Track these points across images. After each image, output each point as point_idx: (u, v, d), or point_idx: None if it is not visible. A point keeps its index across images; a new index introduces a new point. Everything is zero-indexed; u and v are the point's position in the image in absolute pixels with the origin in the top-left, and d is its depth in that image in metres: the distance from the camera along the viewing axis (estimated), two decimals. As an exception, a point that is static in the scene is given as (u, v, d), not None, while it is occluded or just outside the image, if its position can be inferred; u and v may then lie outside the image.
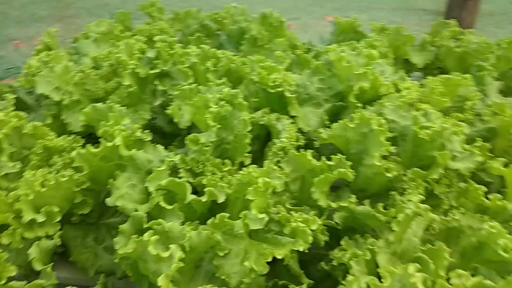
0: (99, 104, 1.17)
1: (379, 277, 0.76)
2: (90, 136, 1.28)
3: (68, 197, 0.96)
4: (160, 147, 1.05)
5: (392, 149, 1.05)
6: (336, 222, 0.99)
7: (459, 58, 1.74)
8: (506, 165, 1.09)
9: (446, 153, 1.01)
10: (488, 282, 0.63)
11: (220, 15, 2.00)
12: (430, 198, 1.07)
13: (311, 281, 0.91)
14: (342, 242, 0.96)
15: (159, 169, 0.94)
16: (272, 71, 1.26)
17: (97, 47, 1.60)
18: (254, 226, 0.82)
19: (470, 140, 1.28)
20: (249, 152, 1.15)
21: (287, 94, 1.22)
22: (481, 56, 1.69)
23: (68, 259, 1.01)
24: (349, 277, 0.69)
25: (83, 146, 1.05)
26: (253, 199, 0.82)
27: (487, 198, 1.00)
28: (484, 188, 1.01)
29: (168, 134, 1.41)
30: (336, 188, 1.20)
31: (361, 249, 0.88)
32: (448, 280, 0.73)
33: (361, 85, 1.28)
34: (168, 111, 1.17)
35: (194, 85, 1.22)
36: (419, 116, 1.08)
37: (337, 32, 1.97)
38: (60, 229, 0.94)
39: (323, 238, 0.95)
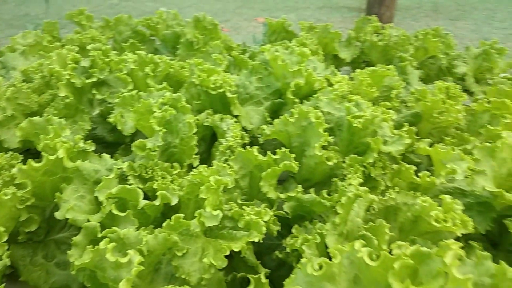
0: (36, 118, 1.13)
1: (330, 258, 0.82)
2: (28, 152, 1.23)
3: (13, 216, 0.92)
4: (106, 156, 1.04)
5: (330, 139, 1.13)
6: (286, 212, 1.04)
7: (382, 51, 1.89)
8: (431, 145, 1.21)
9: (378, 139, 1.10)
10: (424, 248, 0.70)
11: (153, 21, 1.99)
12: (368, 181, 1.16)
13: (267, 270, 0.95)
14: (293, 230, 1.01)
15: (108, 177, 0.93)
16: (211, 73, 1.29)
17: (25, 60, 1.54)
18: (209, 223, 0.84)
19: (398, 126, 1.40)
20: (196, 154, 1.18)
21: (229, 94, 1.26)
22: (401, 48, 1.84)
23: (18, 280, 0.97)
24: (303, 260, 0.74)
25: (23, 162, 1.01)
26: (206, 197, 0.85)
27: (417, 176, 1.10)
28: (414, 168, 1.12)
29: (110, 144, 1.39)
30: (283, 181, 1.26)
31: (311, 234, 0.94)
32: (390, 252, 0.81)
33: (296, 81, 1.34)
34: (110, 119, 1.16)
35: (135, 91, 1.22)
36: (351, 106, 1.16)
37: (269, 33, 2.05)
38: (7, 249, 0.90)
39: (275, 228, 0.99)
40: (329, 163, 1.11)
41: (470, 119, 1.56)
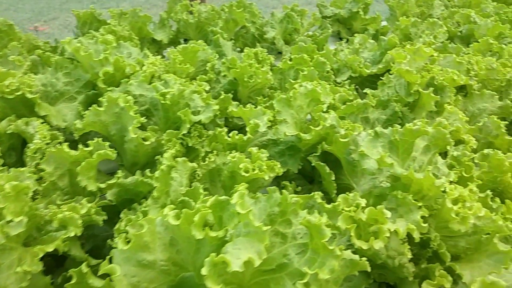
0: None
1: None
2: None
3: None
4: None
5: (143, 120, 1.15)
6: (109, 200, 1.04)
7: (196, 28, 1.96)
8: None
9: (187, 111, 1.16)
10: (222, 197, 0.78)
11: None
12: (189, 151, 1.23)
13: (98, 260, 0.95)
14: (121, 215, 1.02)
15: None
16: (5, 77, 1.19)
17: None
18: (15, 232, 0.80)
19: (218, 95, 1.49)
20: (4, 165, 1.09)
21: (29, 95, 1.18)
22: (212, 22, 1.93)
23: None
24: (116, 239, 0.77)
25: None
26: (4, 206, 0.80)
27: (229, 136, 1.20)
28: (225, 130, 1.21)
29: None
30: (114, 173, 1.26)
31: (135, 214, 0.96)
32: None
33: (105, 70, 1.33)
34: None
35: None
36: (158, 85, 1.20)
37: (80, 25, 1.96)
38: None
39: (100, 218, 0.99)
40: (147, 143, 1.14)
41: (280, 77, 1.74)
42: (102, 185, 1.04)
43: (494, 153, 1.14)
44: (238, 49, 2.11)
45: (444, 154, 1.23)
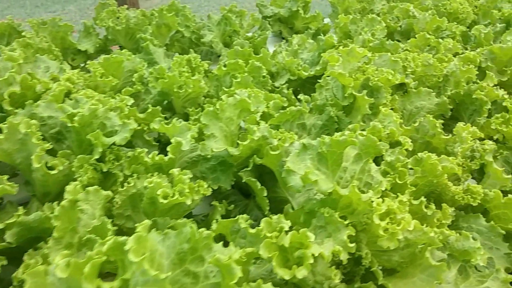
0: None
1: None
2: None
3: None
4: None
5: (48, 146, 1.03)
6: (8, 242, 0.93)
7: (126, 35, 1.84)
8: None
9: (98, 133, 1.05)
10: (120, 238, 0.68)
11: None
12: (108, 176, 1.12)
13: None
14: (25, 257, 0.91)
15: None
16: None
17: None
18: None
19: (147, 108, 1.39)
20: None
21: None
22: (141, 28, 1.82)
23: None
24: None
25: None
26: None
27: (148, 158, 1.10)
28: (145, 150, 1.11)
29: None
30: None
31: (34, 258, 0.85)
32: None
33: (10, 90, 1.20)
34: None
35: None
36: (64, 106, 1.08)
37: (-3, 37, 1.79)
38: None
39: (-3, 264, 0.88)
40: (54, 172, 1.03)
41: (217, 84, 1.65)
42: (0, 226, 0.92)
43: (427, 157, 1.10)
44: (177, 54, 2.00)
45: (381, 157, 1.19)
